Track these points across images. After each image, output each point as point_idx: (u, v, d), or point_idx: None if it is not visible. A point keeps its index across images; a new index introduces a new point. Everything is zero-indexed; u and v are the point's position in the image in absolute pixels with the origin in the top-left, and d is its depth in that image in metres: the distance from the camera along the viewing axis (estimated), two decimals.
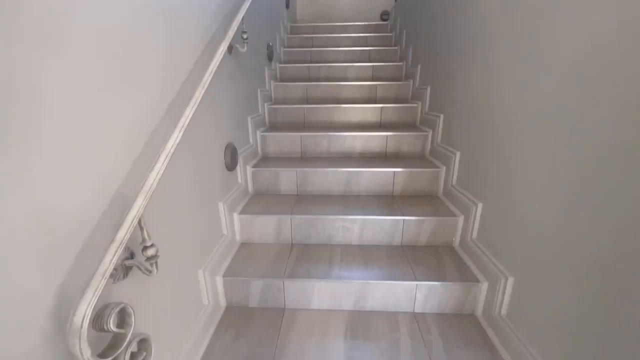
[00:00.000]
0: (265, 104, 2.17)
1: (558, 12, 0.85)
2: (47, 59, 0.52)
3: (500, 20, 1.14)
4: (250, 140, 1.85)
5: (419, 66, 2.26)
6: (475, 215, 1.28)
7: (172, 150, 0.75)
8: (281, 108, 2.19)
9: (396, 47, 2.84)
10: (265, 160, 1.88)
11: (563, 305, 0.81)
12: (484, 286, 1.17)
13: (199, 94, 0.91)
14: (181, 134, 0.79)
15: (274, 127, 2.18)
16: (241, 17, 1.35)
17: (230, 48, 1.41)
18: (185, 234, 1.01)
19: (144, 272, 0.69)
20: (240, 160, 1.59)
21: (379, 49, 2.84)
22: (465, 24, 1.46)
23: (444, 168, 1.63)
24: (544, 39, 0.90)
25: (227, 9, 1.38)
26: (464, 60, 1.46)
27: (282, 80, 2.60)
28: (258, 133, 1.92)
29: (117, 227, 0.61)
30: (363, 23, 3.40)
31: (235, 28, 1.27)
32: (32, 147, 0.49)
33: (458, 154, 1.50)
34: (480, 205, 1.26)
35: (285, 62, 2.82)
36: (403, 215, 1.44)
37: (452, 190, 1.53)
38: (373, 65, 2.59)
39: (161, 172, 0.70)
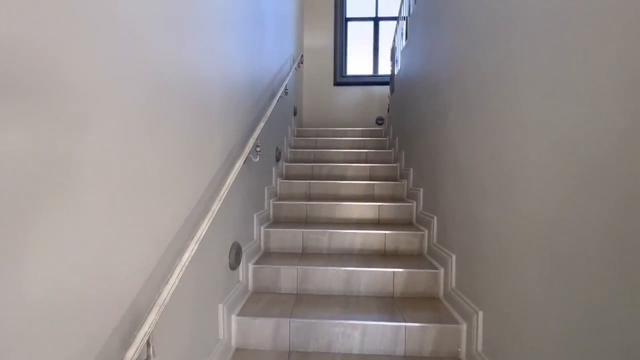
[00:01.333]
0: (271, 200, 2.33)
1: (521, 121, 1.03)
2: (82, 167, 0.65)
3: (474, 132, 1.35)
4: (254, 236, 1.93)
5: (412, 169, 2.51)
6: (477, 324, 1.26)
7: (186, 264, 0.82)
8: (285, 204, 2.34)
9: (390, 150, 3.18)
10: (267, 256, 1.92)
11: None
12: None
13: (216, 207, 1.03)
14: (197, 246, 0.88)
15: (278, 221, 2.29)
16: (257, 135, 1.60)
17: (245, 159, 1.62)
18: (182, 342, 1.00)
19: None
20: (243, 257, 1.64)
21: (375, 151, 3.17)
22: (446, 135, 1.71)
23: (442, 270, 1.66)
24: (513, 154, 1.07)
25: (245, 128, 1.65)
26: (449, 168, 1.65)
27: (287, 177, 2.84)
28: (262, 228, 2.02)
29: (128, 344, 0.64)
30: (360, 128, 3.88)
31: (252, 144, 1.50)
32: (61, 245, 0.58)
33: (454, 257, 1.56)
34: (481, 314, 1.26)
35: (291, 161, 3.12)
36: (405, 321, 1.41)
37: (452, 293, 1.53)
38: (370, 166, 2.87)
39: (175, 285, 0.76)
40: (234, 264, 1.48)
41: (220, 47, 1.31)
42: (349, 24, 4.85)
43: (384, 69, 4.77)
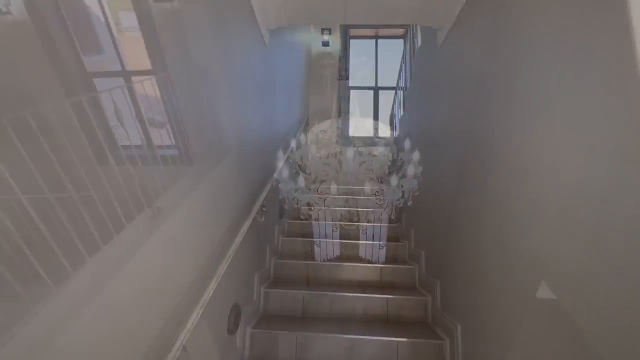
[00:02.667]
0: (272, 258, 2.32)
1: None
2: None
3: (475, 206, 1.41)
4: (254, 297, 1.88)
5: (413, 230, 2.53)
6: None
7: (191, 328, 0.83)
8: (287, 263, 2.32)
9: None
10: (266, 318, 1.86)
11: None
12: None
13: (221, 270, 1.06)
14: (202, 310, 0.89)
15: (278, 280, 2.25)
16: (263, 197, 1.68)
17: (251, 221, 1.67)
18: None
19: None
20: (242, 320, 1.59)
21: (375, 210, 3.22)
22: (446, 204, 1.78)
23: (448, 340, 1.59)
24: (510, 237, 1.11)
25: (253, 190, 1.74)
26: (451, 236, 1.68)
27: (289, 235, 2.86)
28: (262, 289, 1.98)
29: None
30: (362, 187, 3.99)
31: (258, 206, 1.57)
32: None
33: (459, 327, 1.50)
34: None
35: (293, 219, 3.16)
36: None
37: None
38: (374, 226, 2.89)
39: (178, 353, 0.76)
40: (233, 328, 1.43)
41: (237, 116, 1.46)
42: (352, 92, 5.33)
43: (383, 131, 5.10)
